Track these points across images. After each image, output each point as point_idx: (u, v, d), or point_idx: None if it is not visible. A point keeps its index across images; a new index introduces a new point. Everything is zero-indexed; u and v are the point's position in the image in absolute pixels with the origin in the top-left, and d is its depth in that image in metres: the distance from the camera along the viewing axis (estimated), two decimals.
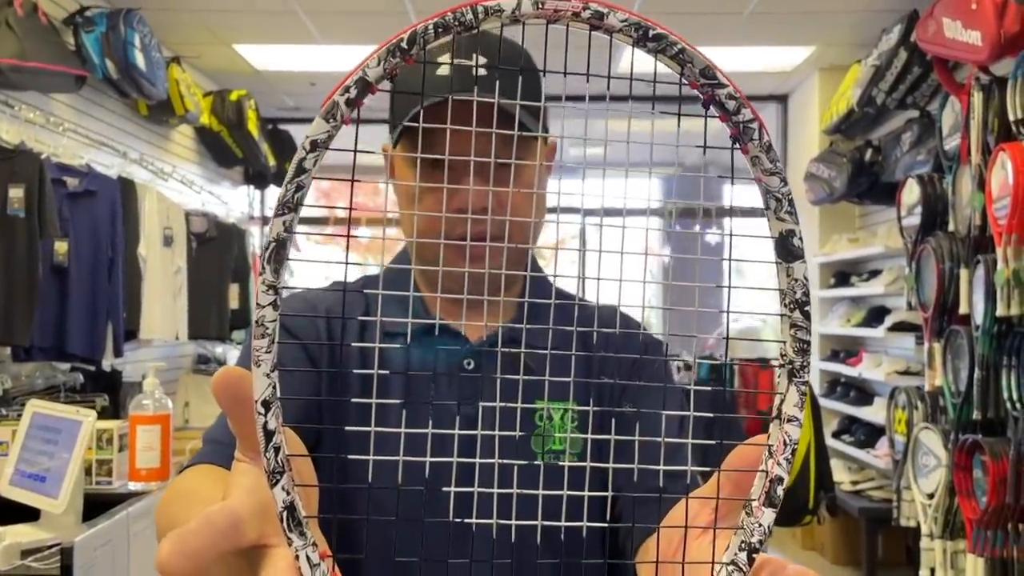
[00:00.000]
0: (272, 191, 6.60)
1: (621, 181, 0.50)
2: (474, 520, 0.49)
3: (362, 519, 0.52)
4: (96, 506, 2.20)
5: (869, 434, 4.90)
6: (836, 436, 5.19)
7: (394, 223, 1.10)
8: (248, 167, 6.05)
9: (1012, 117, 3.00)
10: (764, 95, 6.18)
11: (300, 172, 0.42)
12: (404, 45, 0.42)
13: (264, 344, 0.43)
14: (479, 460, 0.51)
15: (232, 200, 6.08)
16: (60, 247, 3.45)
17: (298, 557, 0.43)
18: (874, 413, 4.77)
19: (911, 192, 3.81)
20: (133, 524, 2.24)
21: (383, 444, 0.50)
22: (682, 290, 0.53)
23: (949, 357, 3.43)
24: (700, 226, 0.51)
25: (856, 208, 5.48)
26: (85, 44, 3.76)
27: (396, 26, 0.42)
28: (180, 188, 5.03)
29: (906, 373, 4.44)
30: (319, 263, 0.53)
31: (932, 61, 3.84)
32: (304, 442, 0.48)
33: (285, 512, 0.43)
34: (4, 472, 2.18)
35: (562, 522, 0.50)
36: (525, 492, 0.50)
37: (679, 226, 0.53)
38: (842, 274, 5.45)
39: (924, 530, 3.50)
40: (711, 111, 0.44)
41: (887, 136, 4.64)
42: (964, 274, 3.32)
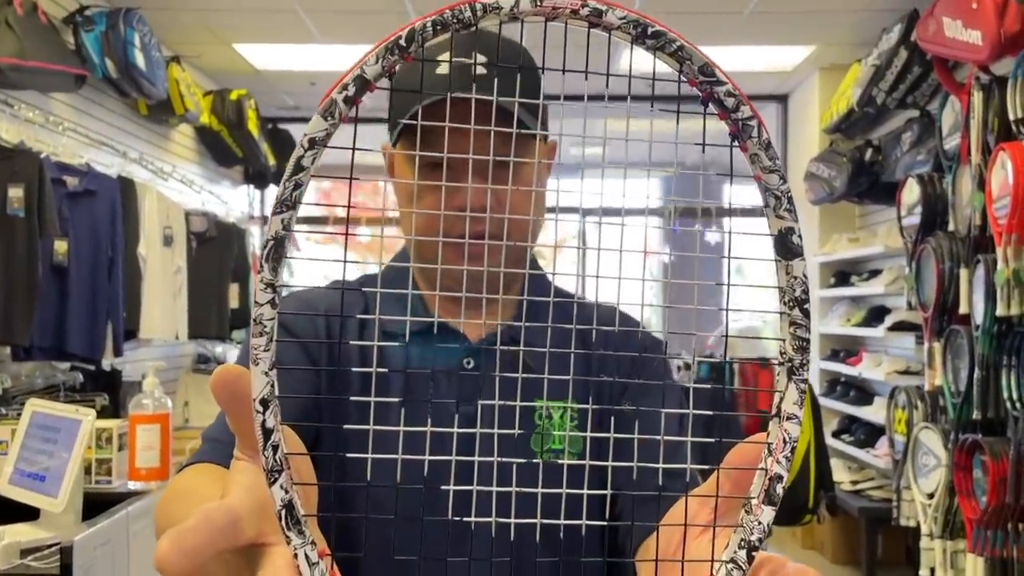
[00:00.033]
0: (272, 191, 6.59)
1: (621, 180, 0.50)
2: (473, 518, 0.49)
3: (361, 518, 0.52)
4: (95, 505, 2.20)
5: (869, 434, 4.90)
6: (836, 436, 5.19)
7: (394, 222, 1.10)
8: (248, 167, 6.05)
9: (1012, 117, 2.99)
10: (764, 95, 6.18)
11: (298, 170, 0.42)
12: (402, 43, 0.42)
13: (262, 342, 0.43)
14: (478, 458, 0.51)
15: (232, 200, 6.08)
16: (60, 246, 3.45)
17: (296, 555, 0.43)
18: (874, 413, 4.77)
19: (911, 192, 3.81)
20: (133, 523, 2.24)
21: (382, 443, 0.50)
22: (682, 290, 0.52)
23: (949, 357, 3.43)
24: (700, 225, 0.51)
25: (856, 208, 5.48)
26: (85, 43, 3.76)
27: (396, 25, 0.42)
28: (180, 188, 5.03)
29: (906, 373, 4.44)
30: (319, 261, 0.53)
31: (932, 60, 3.84)
32: (303, 441, 0.48)
33: (283, 510, 0.43)
34: (4, 471, 2.18)
35: (561, 520, 0.50)
36: (524, 490, 0.50)
37: (679, 225, 0.53)
38: (842, 274, 5.44)
39: (924, 530, 3.50)
40: (710, 109, 0.44)
41: (887, 136, 4.64)
42: (964, 274, 3.32)
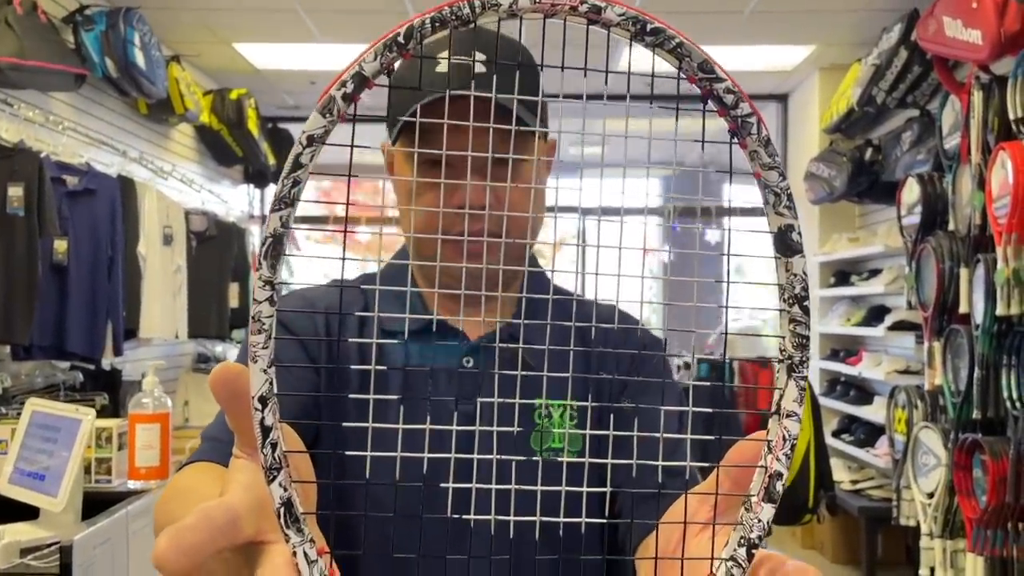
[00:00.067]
0: (272, 190, 6.58)
1: (620, 179, 0.50)
2: (472, 516, 0.49)
3: (360, 516, 0.52)
4: (95, 505, 2.20)
5: (869, 433, 4.90)
6: (836, 435, 5.18)
7: (394, 221, 1.10)
8: (248, 166, 6.05)
9: (1012, 116, 2.99)
10: (764, 94, 6.17)
11: (297, 167, 0.42)
12: (401, 40, 0.42)
13: (261, 340, 0.43)
14: (477, 456, 0.51)
15: (232, 199, 6.08)
16: (60, 246, 3.44)
17: (295, 553, 0.43)
18: (874, 412, 4.77)
19: (911, 191, 3.81)
20: (132, 523, 2.24)
21: (381, 441, 0.50)
22: (681, 288, 0.52)
23: (949, 356, 3.43)
24: (700, 224, 0.51)
25: (856, 207, 5.48)
26: (85, 42, 3.76)
27: (396, 24, 0.42)
28: (180, 187, 5.03)
29: (906, 372, 4.44)
30: (318, 258, 0.53)
31: (932, 60, 3.84)
32: (303, 439, 0.48)
33: (282, 508, 0.43)
34: (3, 470, 2.18)
35: (560, 518, 0.50)
36: (523, 488, 0.50)
37: (678, 224, 0.53)
38: (842, 273, 5.44)
39: (924, 529, 3.50)
40: (709, 105, 0.44)
41: (887, 135, 4.63)
42: (964, 273, 3.32)
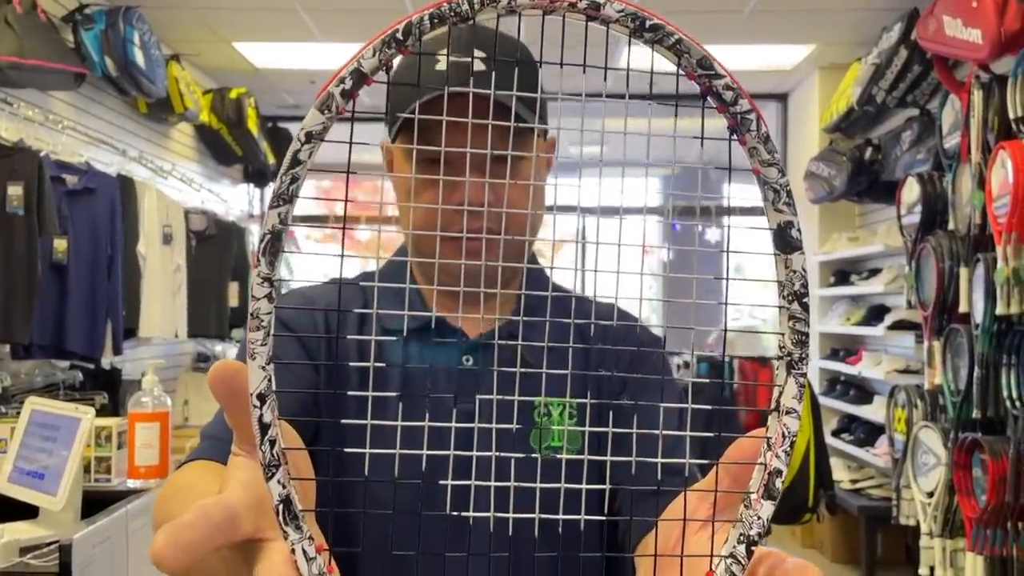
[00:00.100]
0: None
1: (620, 177, 0.49)
2: (471, 513, 0.49)
3: (359, 513, 0.52)
4: (95, 503, 2.20)
5: (869, 432, 4.90)
6: (836, 434, 5.18)
7: (394, 220, 1.10)
8: (248, 165, 6.05)
9: (1012, 115, 2.99)
10: (764, 93, 6.17)
11: (295, 164, 0.42)
12: (399, 36, 0.42)
13: (259, 336, 0.43)
14: (476, 453, 0.51)
15: (231, 198, 6.07)
16: (59, 245, 3.44)
17: (294, 551, 0.43)
18: (874, 412, 4.77)
19: (911, 191, 3.81)
20: (132, 521, 2.24)
21: (380, 439, 0.50)
22: (681, 288, 0.52)
23: (949, 355, 3.43)
24: (700, 222, 0.51)
25: (856, 207, 5.48)
26: (84, 42, 3.76)
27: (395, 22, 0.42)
28: (179, 186, 5.03)
29: (906, 371, 4.43)
30: (318, 255, 0.53)
31: (932, 59, 3.84)
32: (303, 437, 0.48)
33: (281, 505, 0.43)
34: (3, 469, 2.17)
35: (560, 515, 0.50)
36: (522, 485, 0.50)
37: (678, 223, 0.53)
38: (842, 273, 5.44)
39: (923, 528, 3.50)
40: (708, 103, 0.44)
41: (887, 134, 4.63)
42: (964, 272, 3.32)
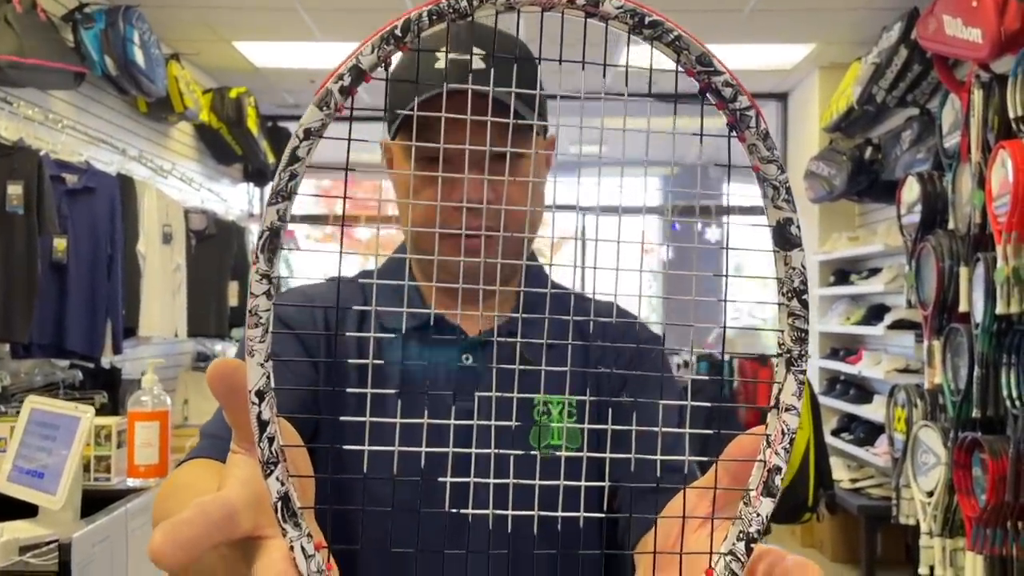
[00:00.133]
0: None
1: (619, 176, 0.49)
2: (470, 511, 0.49)
3: (357, 510, 0.52)
4: (94, 502, 2.20)
5: (868, 432, 4.90)
6: (835, 434, 5.18)
7: (393, 220, 1.10)
8: (247, 164, 6.04)
9: (1012, 115, 2.99)
10: (764, 93, 6.17)
11: (293, 160, 0.42)
12: (398, 32, 0.42)
13: (258, 333, 0.43)
14: (475, 450, 0.51)
15: (231, 197, 6.07)
16: (59, 244, 3.44)
17: (293, 548, 0.43)
18: (873, 411, 4.76)
19: (911, 190, 3.81)
20: (131, 520, 2.24)
21: (379, 437, 0.50)
22: (681, 287, 0.52)
23: (949, 355, 3.43)
24: (699, 220, 0.51)
25: (856, 206, 5.48)
26: (84, 41, 3.76)
27: None
28: (179, 185, 5.02)
29: (906, 371, 4.43)
30: (318, 252, 0.52)
31: (932, 59, 3.84)
32: (302, 435, 0.48)
33: (279, 503, 0.43)
34: (2, 468, 2.17)
35: (559, 512, 0.50)
36: (521, 482, 0.50)
37: (678, 223, 0.53)
38: (842, 272, 5.44)
39: (923, 528, 3.50)
40: (707, 99, 0.43)
41: (887, 134, 4.63)
42: (964, 272, 3.32)
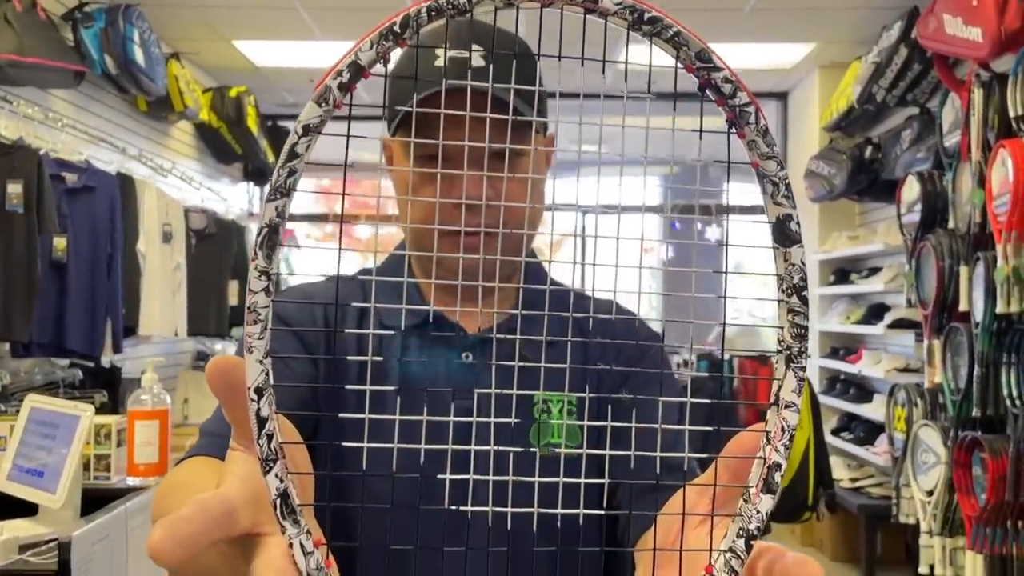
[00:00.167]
0: None
1: (619, 175, 0.49)
2: (469, 508, 0.49)
3: (357, 507, 0.52)
4: (94, 501, 2.20)
5: (868, 431, 4.90)
6: (835, 433, 5.18)
7: (393, 219, 1.10)
8: (247, 163, 6.04)
9: (1012, 114, 2.99)
10: (764, 92, 6.17)
11: (292, 157, 0.42)
12: (397, 28, 0.42)
13: (256, 330, 0.43)
14: (474, 448, 0.51)
15: (231, 196, 6.07)
16: (59, 243, 3.44)
17: (292, 545, 0.43)
18: (873, 410, 4.77)
19: (911, 189, 3.81)
20: (131, 519, 2.23)
21: (379, 435, 0.50)
22: (680, 286, 0.52)
23: (949, 354, 3.43)
24: (699, 218, 0.51)
25: (856, 205, 5.48)
26: (84, 40, 3.76)
27: None
28: (179, 184, 5.02)
29: (906, 370, 4.43)
30: (317, 249, 0.52)
31: (932, 58, 3.83)
32: (302, 432, 0.48)
33: (278, 500, 0.43)
34: (2, 467, 2.17)
35: (558, 510, 0.50)
36: (521, 479, 0.50)
37: (678, 222, 0.53)
38: (842, 271, 5.44)
39: (923, 527, 3.50)
40: (707, 95, 0.43)
41: (887, 133, 4.63)
42: (964, 271, 3.32)
